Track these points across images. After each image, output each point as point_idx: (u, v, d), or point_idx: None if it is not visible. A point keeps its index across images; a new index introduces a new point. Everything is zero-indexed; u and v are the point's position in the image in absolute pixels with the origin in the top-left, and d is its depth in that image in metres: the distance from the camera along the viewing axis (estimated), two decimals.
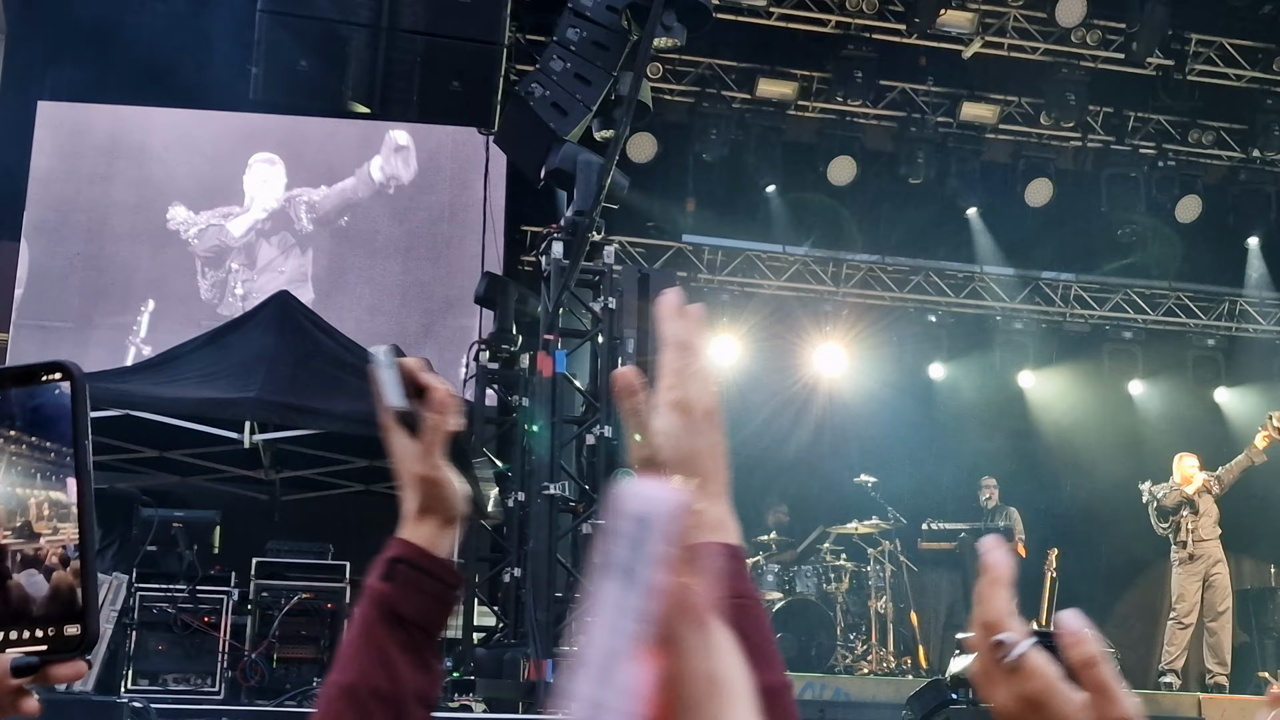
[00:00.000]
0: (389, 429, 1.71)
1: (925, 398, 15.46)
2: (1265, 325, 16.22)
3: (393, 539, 1.71)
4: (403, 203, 14.72)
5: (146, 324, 13.95)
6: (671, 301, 1.55)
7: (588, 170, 9.93)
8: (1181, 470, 12.71)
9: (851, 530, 12.95)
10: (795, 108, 13.76)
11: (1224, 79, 13.47)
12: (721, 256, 15.09)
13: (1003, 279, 15.75)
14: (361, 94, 9.98)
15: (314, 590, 10.72)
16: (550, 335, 9.88)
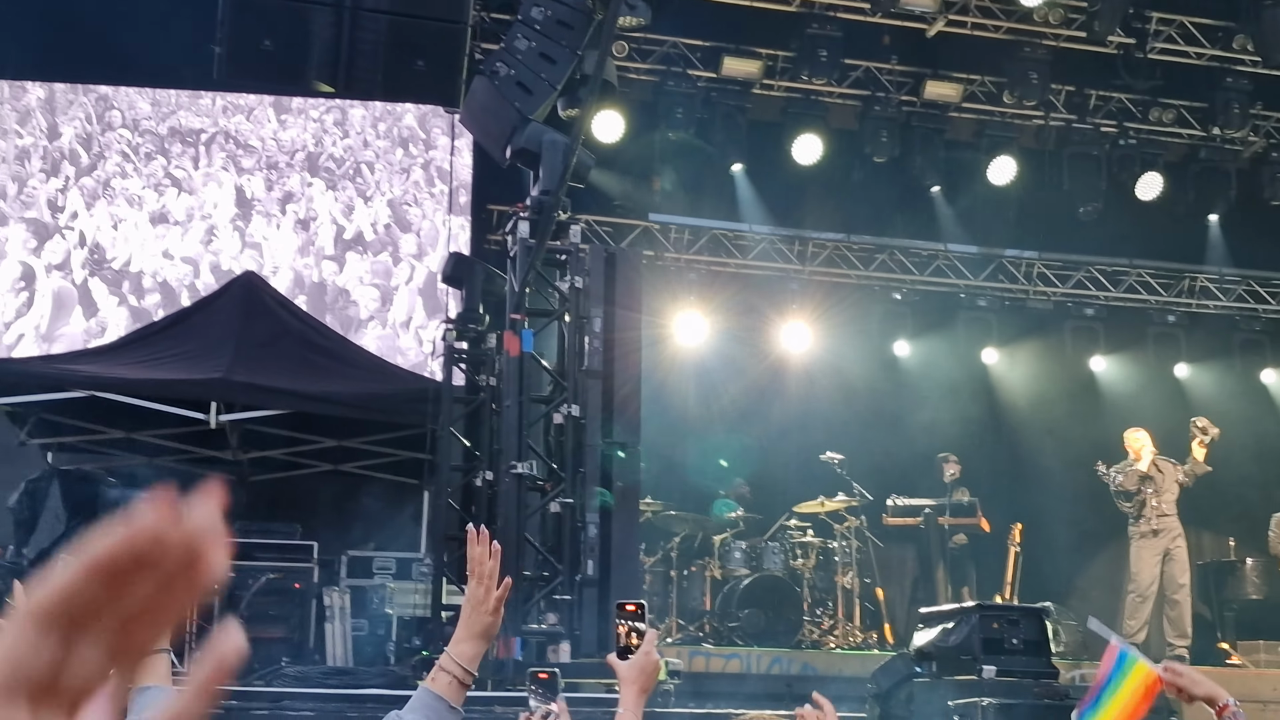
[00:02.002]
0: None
1: (890, 375, 15.57)
2: (1225, 302, 16.40)
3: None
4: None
5: None
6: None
7: (553, 149, 9.94)
8: (1131, 445, 12.86)
9: (818, 507, 13.04)
10: (760, 86, 13.78)
11: (1185, 57, 13.56)
12: (688, 235, 15.13)
13: (966, 257, 15.86)
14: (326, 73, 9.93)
15: (282, 570, 10.73)
16: (517, 315, 9.90)
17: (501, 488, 9.75)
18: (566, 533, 9.78)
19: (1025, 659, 8.95)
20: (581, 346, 10.00)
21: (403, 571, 11.57)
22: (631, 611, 3.13)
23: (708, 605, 12.50)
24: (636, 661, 3.10)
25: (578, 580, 9.60)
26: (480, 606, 2.79)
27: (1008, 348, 16.22)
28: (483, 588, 2.80)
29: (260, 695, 8.58)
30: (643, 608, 3.17)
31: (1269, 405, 16.66)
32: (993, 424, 15.67)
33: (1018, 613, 9.62)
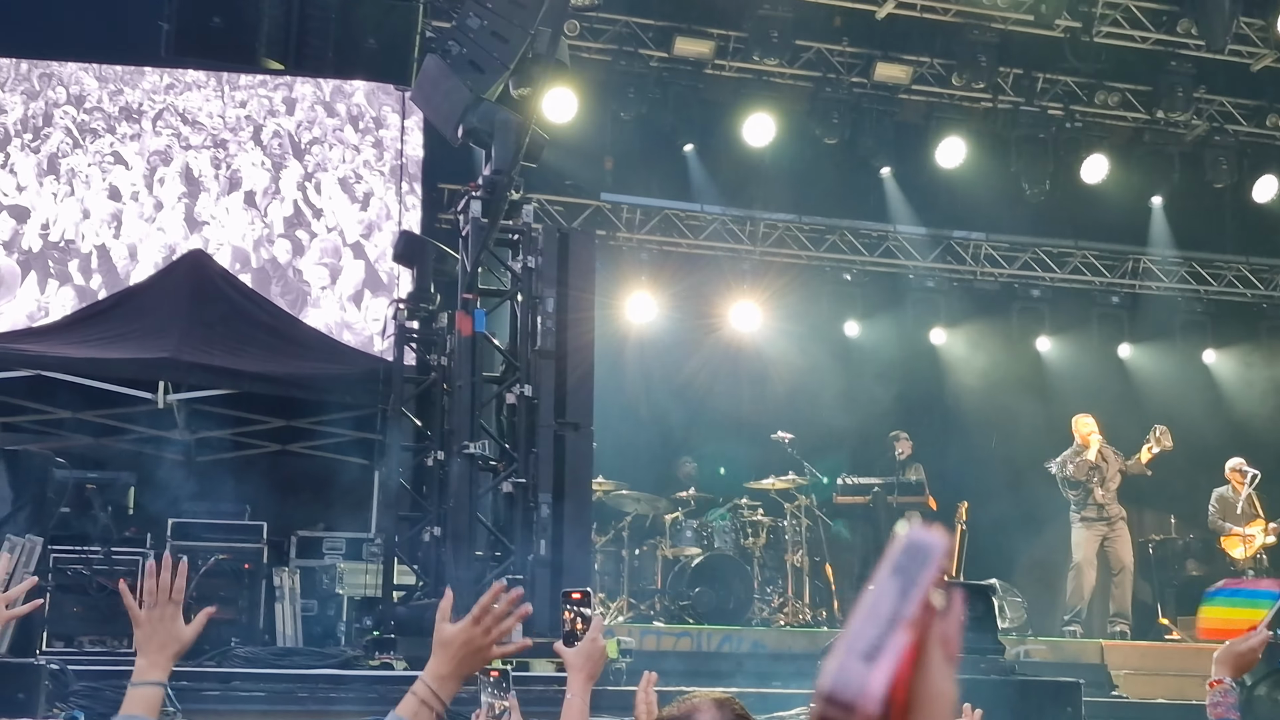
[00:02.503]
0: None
1: (840, 355, 15.67)
2: (1167, 283, 16.62)
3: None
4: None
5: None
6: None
7: (505, 129, 9.91)
8: (1079, 430, 13.04)
9: (768, 486, 13.12)
10: (712, 67, 13.79)
11: (1130, 41, 13.70)
12: (640, 215, 15.14)
13: (915, 238, 15.97)
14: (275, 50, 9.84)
15: (231, 551, 10.66)
16: (469, 294, 9.88)
17: (453, 468, 9.73)
18: (519, 513, 9.79)
19: (971, 635, 9.04)
20: (534, 326, 10.00)
21: (353, 552, 11.53)
22: (577, 599, 3.18)
23: (659, 584, 12.56)
24: (583, 648, 3.16)
25: (530, 560, 9.61)
26: (479, 653, 2.73)
27: (955, 328, 16.37)
28: (488, 637, 2.72)
29: (210, 676, 8.54)
30: (588, 595, 3.22)
31: (1210, 385, 16.92)
32: (940, 403, 15.82)
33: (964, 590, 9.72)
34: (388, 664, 9.06)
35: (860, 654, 0.79)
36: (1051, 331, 16.66)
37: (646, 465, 13.58)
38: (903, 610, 0.81)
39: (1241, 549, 13.27)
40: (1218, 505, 13.62)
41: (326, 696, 8.08)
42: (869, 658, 0.78)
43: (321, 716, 7.34)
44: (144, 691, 2.80)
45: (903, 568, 0.83)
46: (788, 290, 15.48)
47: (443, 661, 2.70)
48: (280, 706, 7.81)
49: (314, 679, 8.55)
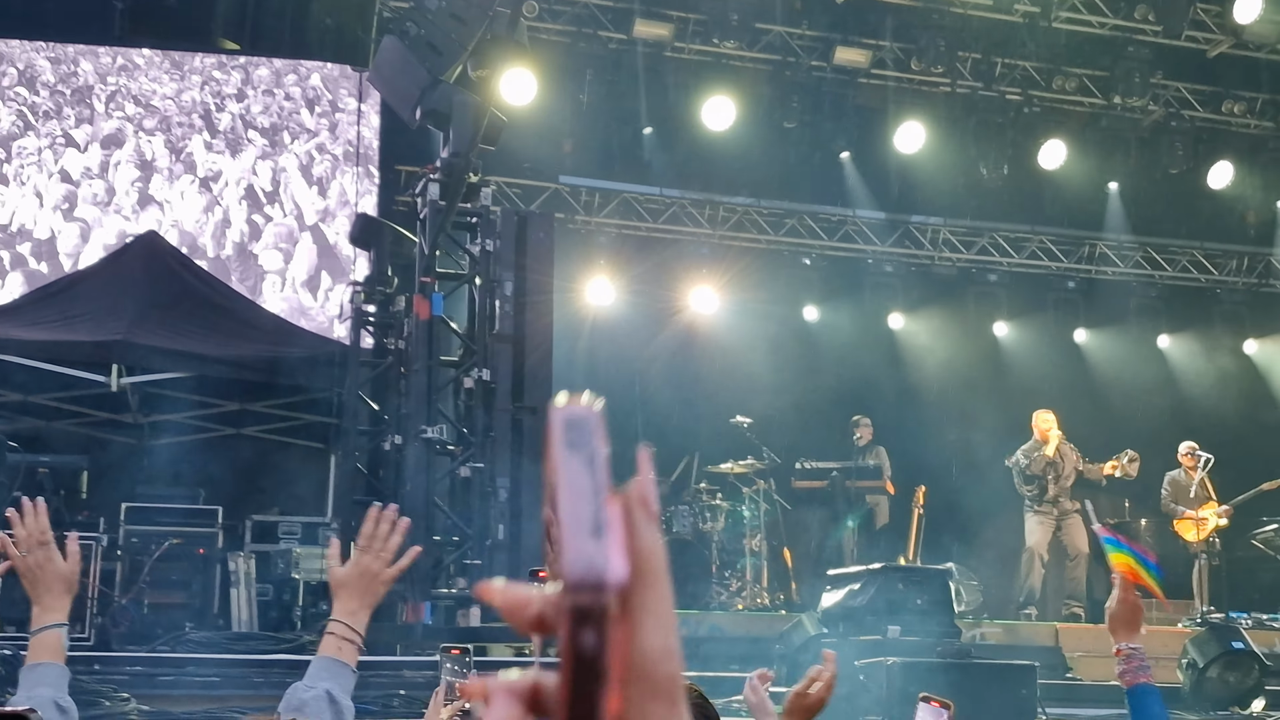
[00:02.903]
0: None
1: (799, 339, 15.69)
2: (1123, 268, 16.74)
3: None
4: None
5: None
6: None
7: (463, 111, 9.85)
8: (1038, 426, 13.11)
9: (727, 470, 13.13)
10: (671, 49, 13.74)
11: (1087, 26, 13.77)
12: (598, 198, 15.09)
13: (874, 222, 16.00)
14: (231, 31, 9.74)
15: (185, 536, 10.59)
16: (427, 278, 9.82)
17: (410, 452, 9.68)
18: (476, 497, 9.75)
19: (928, 619, 9.11)
20: (492, 310, 9.95)
21: (308, 536, 11.46)
22: (545, 579, 3.14)
23: None
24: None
25: (488, 545, 9.58)
26: (377, 578, 2.89)
27: (913, 313, 16.43)
28: (380, 560, 2.90)
29: (164, 661, 8.47)
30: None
31: (1164, 369, 17.07)
32: (898, 388, 15.86)
33: (921, 574, 9.80)
34: None
35: (588, 534, 0.78)
36: (1008, 316, 16.76)
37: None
38: (600, 480, 0.81)
39: (1194, 532, 13.40)
40: (1170, 489, 13.73)
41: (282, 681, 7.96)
42: (596, 534, 0.78)
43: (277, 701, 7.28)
44: (45, 637, 2.88)
45: (575, 442, 0.82)
46: (747, 274, 15.48)
47: (348, 598, 2.88)
48: (235, 691, 7.75)
49: (269, 664, 8.49)
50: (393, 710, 7.27)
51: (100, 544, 9.97)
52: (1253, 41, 13.70)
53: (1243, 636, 10.02)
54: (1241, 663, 9.80)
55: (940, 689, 7.95)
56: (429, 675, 8.40)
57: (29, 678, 2.80)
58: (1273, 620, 12.87)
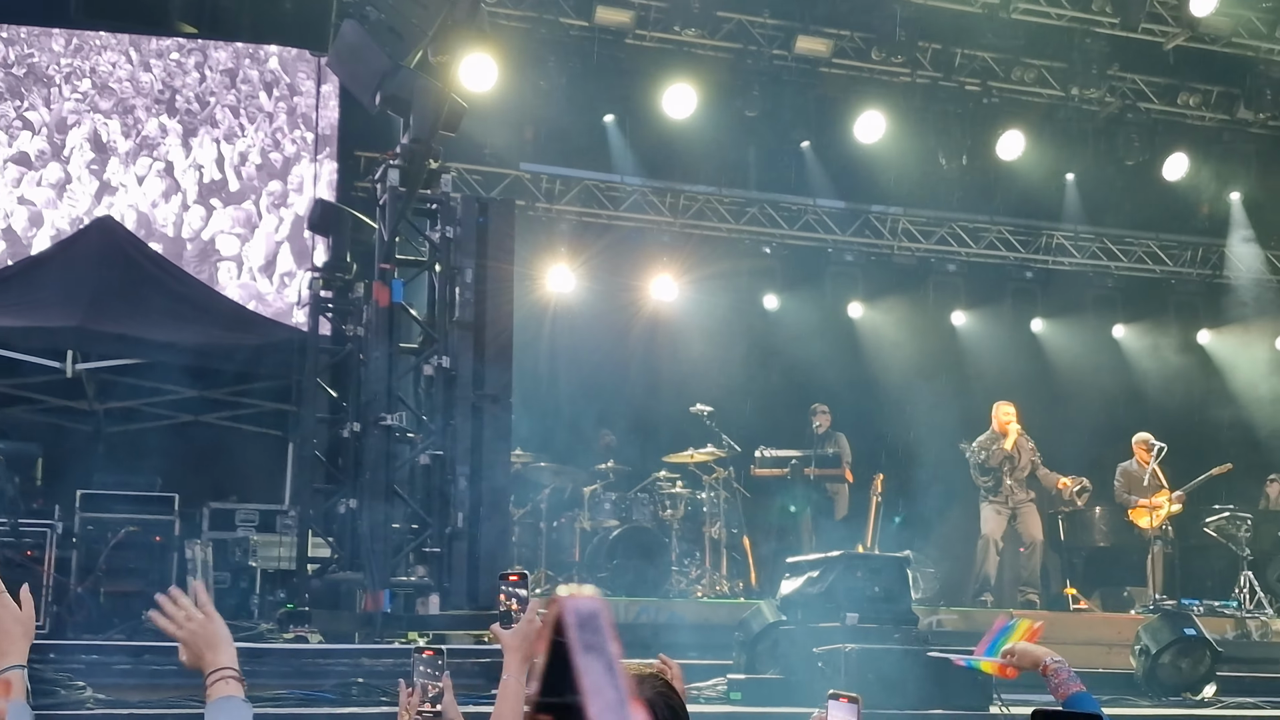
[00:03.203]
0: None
1: (760, 327, 15.74)
2: (1079, 259, 16.88)
3: None
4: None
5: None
6: None
7: (424, 97, 9.78)
8: (998, 417, 13.22)
9: (687, 458, 13.15)
10: (633, 36, 13.72)
11: (1045, 18, 13.84)
12: (559, 185, 15.06)
13: (834, 212, 16.06)
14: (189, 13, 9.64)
15: (141, 523, 10.52)
16: (386, 264, 9.76)
17: (369, 439, 9.63)
18: (436, 485, 9.72)
19: (886, 606, 9.16)
20: (452, 297, 9.91)
21: (266, 524, 11.41)
22: (514, 580, 3.21)
23: (577, 556, 12.55)
24: (520, 629, 3.19)
25: (447, 533, 9.56)
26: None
27: (873, 302, 16.51)
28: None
29: (121, 649, 8.40)
30: (525, 577, 3.25)
31: (1119, 359, 17.24)
32: (857, 377, 15.94)
33: (879, 562, 9.83)
34: (302, 637, 8.97)
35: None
36: (966, 306, 16.87)
37: (565, 437, 13.55)
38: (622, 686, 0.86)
39: (1148, 519, 13.55)
40: (1122, 479, 13.89)
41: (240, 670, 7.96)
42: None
43: None
44: (5, 677, 2.85)
45: (591, 644, 0.85)
46: (707, 263, 15.51)
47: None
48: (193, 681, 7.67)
49: None
50: (351, 698, 7.25)
51: (55, 531, 9.89)
52: (1208, 34, 13.83)
53: (1195, 623, 10.13)
54: (1194, 649, 9.91)
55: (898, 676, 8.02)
56: (388, 664, 8.37)
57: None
58: (1224, 607, 13.05)
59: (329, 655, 8.37)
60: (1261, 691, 9.98)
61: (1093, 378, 16.58)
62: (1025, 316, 17.10)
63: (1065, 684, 3.46)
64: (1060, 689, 3.47)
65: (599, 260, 15.08)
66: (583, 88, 13.79)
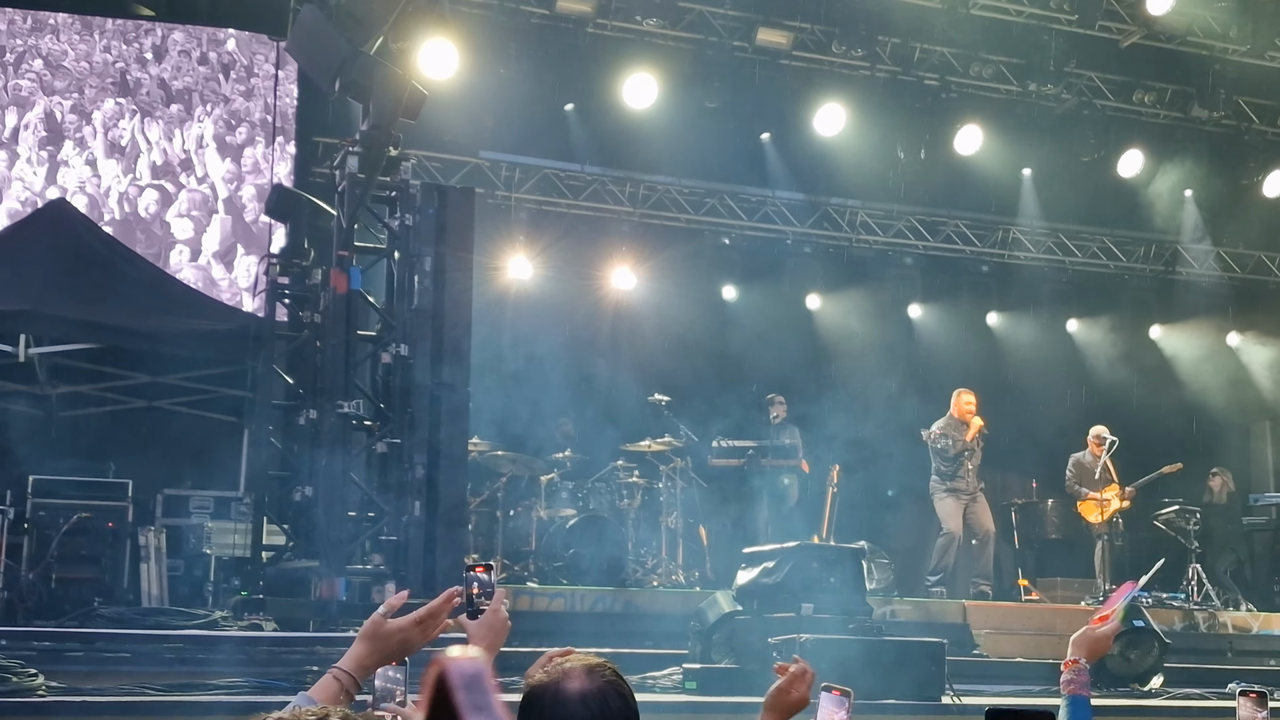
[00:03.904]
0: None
1: (718, 318, 15.76)
2: (1035, 254, 17.02)
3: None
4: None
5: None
6: None
7: (384, 83, 9.74)
8: (960, 405, 13.31)
9: (644, 448, 13.17)
10: (594, 25, 13.70)
11: (1004, 14, 13.92)
12: (519, 174, 15.03)
13: (793, 203, 16.11)
14: None
15: (94, 509, 10.45)
16: (345, 251, 9.73)
17: (326, 427, 9.60)
18: (393, 473, 9.70)
19: (841, 597, 9.22)
20: (411, 285, 9.88)
21: (221, 511, 11.36)
22: (480, 571, 3.22)
23: (533, 545, 12.55)
24: (485, 620, 3.19)
25: (404, 521, 9.54)
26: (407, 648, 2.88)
27: (831, 294, 16.58)
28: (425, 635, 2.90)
29: (73, 636, 8.34)
30: (491, 567, 3.25)
31: (1073, 353, 17.40)
32: (815, 368, 16.02)
33: (835, 553, 9.89)
34: (256, 625, 8.94)
35: None
36: (923, 299, 16.97)
37: (523, 426, 13.54)
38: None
39: (1097, 513, 13.71)
40: (1074, 470, 14.03)
41: (194, 658, 7.94)
42: None
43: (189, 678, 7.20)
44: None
45: (476, 704, 0.90)
46: (666, 253, 15.53)
47: (370, 653, 2.82)
48: (146, 668, 7.65)
49: (181, 639, 8.40)
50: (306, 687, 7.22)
51: (7, 517, 9.81)
52: (1164, 33, 13.96)
53: (1144, 615, 10.26)
54: (1142, 641, 10.04)
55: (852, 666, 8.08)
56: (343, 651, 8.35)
57: None
58: (1172, 599, 13.22)
59: (284, 643, 8.34)
60: (1208, 682, 10.11)
61: (1046, 372, 16.73)
62: (981, 310, 17.22)
63: (1080, 686, 3.56)
64: (1073, 686, 3.56)
65: (558, 249, 15.07)
66: (543, 76, 13.75)
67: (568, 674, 2.60)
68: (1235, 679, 10.03)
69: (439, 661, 0.89)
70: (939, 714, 8.15)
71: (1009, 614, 12.68)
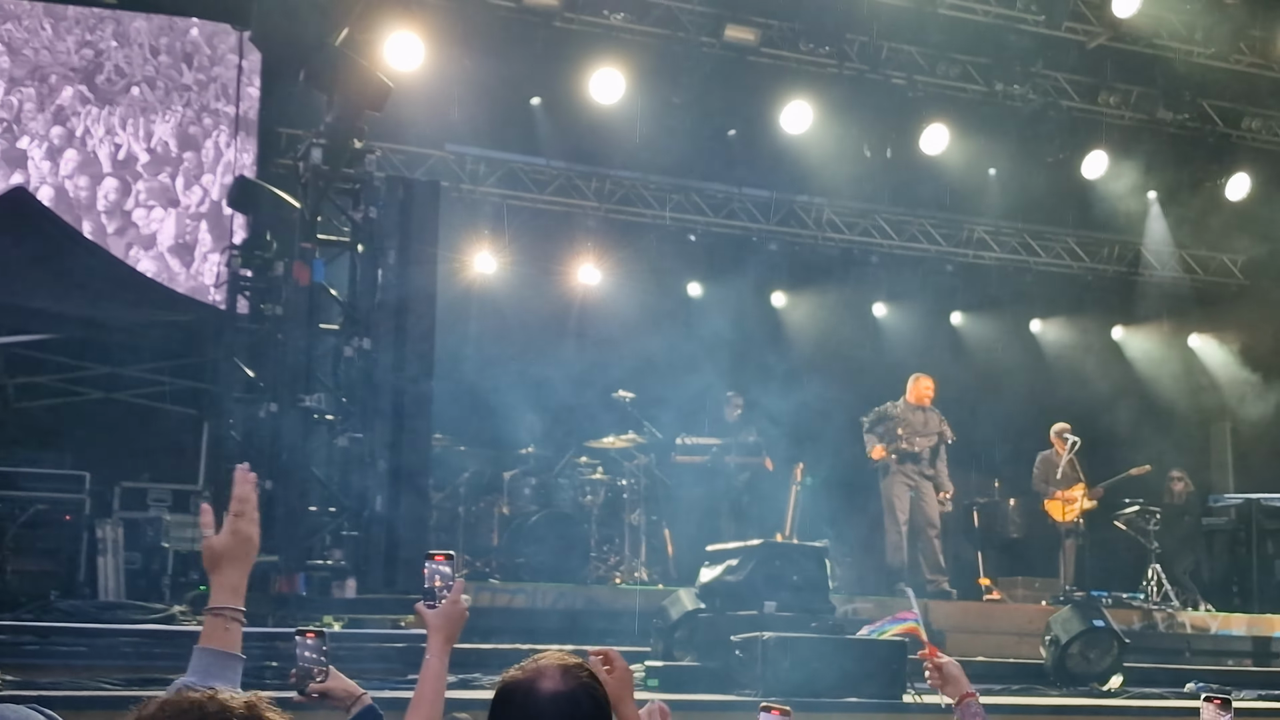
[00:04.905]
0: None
1: (683, 315, 15.73)
2: (999, 254, 17.08)
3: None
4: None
5: None
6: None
7: (349, 75, 9.67)
8: (919, 389, 13.35)
9: (608, 444, 13.15)
10: (561, 19, 13.62)
11: (972, 14, 13.94)
12: (484, 167, 14.95)
13: (759, 200, 16.11)
14: None
15: (51, 501, 10.36)
16: (307, 243, 9.64)
17: (287, 420, 9.52)
18: (355, 468, 9.63)
19: (804, 595, 9.23)
20: (375, 278, 9.81)
21: (179, 504, 11.25)
22: (440, 560, 3.22)
23: (495, 541, 12.51)
24: (444, 609, 3.19)
25: (365, 516, 9.47)
26: (252, 544, 2.81)
27: (796, 291, 16.59)
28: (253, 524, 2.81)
29: (28, 630, 8.25)
30: (451, 558, 3.24)
31: (1036, 352, 17.49)
32: (779, 365, 15.99)
33: (798, 551, 9.92)
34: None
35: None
36: (888, 297, 17.01)
37: (486, 421, 13.48)
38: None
39: (1062, 512, 13.78)
40: (1041, 467, 14.11)
41: (151, 652, 7.86)
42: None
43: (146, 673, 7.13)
44: None
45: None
46: (632, 248, 15.49)
47: (231, 570, 2.77)
48: (103, 662, 7.58)
49: (138, 634, 8.31)
50: (265, 683, 7.15)
51: None
52: (1129, 35, 14.02)
53: (1104, 614, 10.33)
54: (1101, 640, 10.10)
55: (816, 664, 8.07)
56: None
57: None
58: (1132, 599, 13.31)
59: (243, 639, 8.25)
60: (1166, 682, 10.19)
61: (1009, 371, 16.80)
62: (945, 309, 17.28)
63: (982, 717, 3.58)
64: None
65: (523, 244, 15.01)
66: (510, 69, 13.67)
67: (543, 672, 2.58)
68: (1193, 679, 10.12)
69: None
70: (900, 713, 8.17)
71: (970, 613, 12.73)
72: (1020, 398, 16.39)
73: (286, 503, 9.27)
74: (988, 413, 16.12)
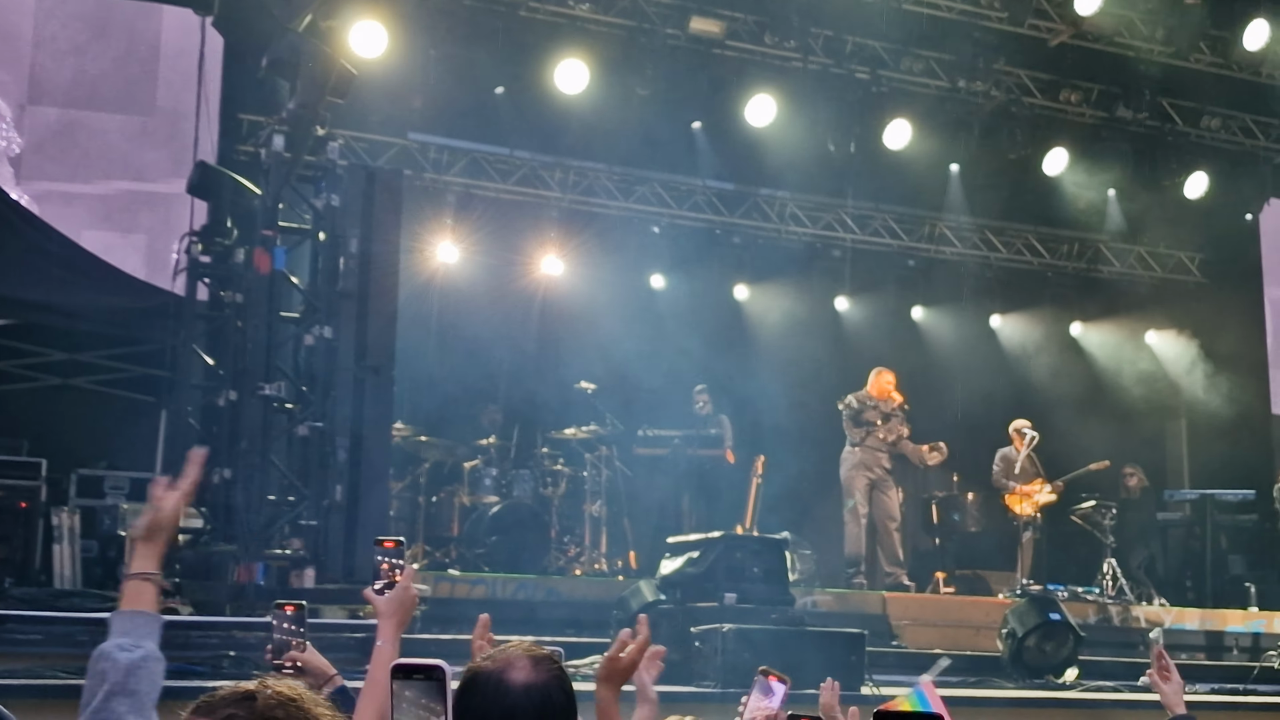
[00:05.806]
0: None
1: (646, 306, 15.72)
2: (960, 249, 17.17)
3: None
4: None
5: None
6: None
7: (311, 61, 9.61)
8: (880, 384, 13.42)
9: (570, 435, 13.14)
10: (526, 9, 13.57)
11: (936, 10, 13.99)
12: (447, 156, 14.88)
13: (723, 193, 16.12)
14: None
15: (6, 488, 10.28)
16: (269, 231, 9.59)
17: (246, 409, 9.47)
18: (314, 457, 9.59)
19: (764, 587, 9.28)
20: (336, 266, 9.76)
21: (137, 492, 11.16)
22: (390, 547, 3.22)
23: (455, 531, 12.48)
24: (395, 595, 3.19)
25: (325, 505, 9.43)
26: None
27: (759, 284, 16.62)
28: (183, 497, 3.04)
29: None
30: (401, 544, 3.24)
31: (996, 348, 17.59)
32: (742, 358, 16.03)
33: (759, 543, 9.96)
34: (172, 609, 8.78)
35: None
36: (850, 291, 17.06)
37: (448, 411, 13.45)
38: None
39: (1021, 506, 13.88)
40: (1001, 464, 14.21)
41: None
42: None
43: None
44: None
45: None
46: (595, 239, 15.47)
47: (150, 546, 2.97)
48: (59, 650, 7.52)
49: (95, 622, 8.24)
50: (223, 672, 7.11)
51: None
52: (1091, 33, 14.12)
53: (1060, 608, 10.43)
54: (1058, 633, 10.20)
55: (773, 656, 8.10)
56: (259, 636, 8.23)
57: None
58: (1088, 593, 13.44)
59: (200, 627, 8.22)
60: (1121, 675, 10.30)
61: (969, 366, 16.89)
62: (907, 303, 17.35)
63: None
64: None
65: (486, 233, 14.94)
66: (474, 58, 13.59)
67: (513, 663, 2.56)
68: (1147, 672, 10.22)
69: None
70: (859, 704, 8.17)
71: (926, 606, 12.82)
72: (980, 393, 16.48)
73: (245, 491, 9.22)
74: (947, 407, 16.22)
